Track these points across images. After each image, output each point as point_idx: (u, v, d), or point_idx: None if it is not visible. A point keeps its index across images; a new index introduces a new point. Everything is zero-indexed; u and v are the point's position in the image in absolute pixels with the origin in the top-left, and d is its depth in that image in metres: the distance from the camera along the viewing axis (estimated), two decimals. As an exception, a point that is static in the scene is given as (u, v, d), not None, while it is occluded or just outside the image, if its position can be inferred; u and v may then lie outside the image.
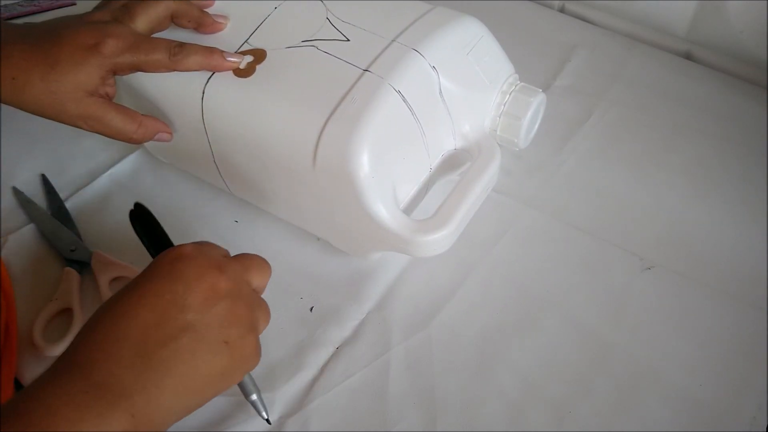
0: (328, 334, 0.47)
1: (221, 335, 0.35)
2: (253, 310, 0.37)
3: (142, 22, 0.44)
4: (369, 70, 0.43)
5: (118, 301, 0.34)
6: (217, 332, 0.34)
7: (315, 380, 0.45)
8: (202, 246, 0.37)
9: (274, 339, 0.47)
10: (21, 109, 0.43)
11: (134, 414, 0.31)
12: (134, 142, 0.46)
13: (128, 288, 0.35)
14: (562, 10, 0.73)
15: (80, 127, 0.44)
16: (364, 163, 0.41)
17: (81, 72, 0.41)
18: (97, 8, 0.46)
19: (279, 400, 0.44)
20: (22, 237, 0.52)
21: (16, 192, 0.55)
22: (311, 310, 0.49)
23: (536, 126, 0.51)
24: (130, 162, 0.57)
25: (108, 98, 0.44)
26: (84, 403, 0.30)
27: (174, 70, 0.43)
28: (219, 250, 0.38)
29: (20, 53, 0.41)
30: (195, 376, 0.34)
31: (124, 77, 0.46)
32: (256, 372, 0.45)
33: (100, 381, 0.31)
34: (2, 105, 0.50)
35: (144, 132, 0.45)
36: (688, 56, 0.68)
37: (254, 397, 0.41)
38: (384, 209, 0.42)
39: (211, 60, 0.44)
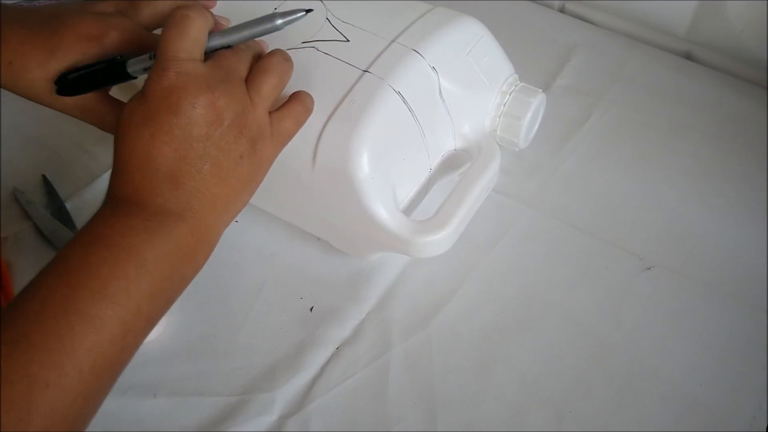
0: (328, 334, 0.47)
1: (236, 151, 0.36)
2: (255, 106, 0.37)
3: (146, 17, 0.44)
4: (369, 70, 0.43)
5: (135, 140, 0.35)
6: (232, 149, 0.36)
7: (315, 380, 0.45)
8: (181, 65, 0.36)
9: (274, 339, 0.47)
10: (15, 93, 0.42)
11: (193, 233, 0.36)
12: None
13: (138, 124, 0.35)
14: (562, 10, 0.73)
15: (74, 116, 0.44)
16: (363, 164, 0.41)
17: (80, 62, 0.41)
18: None
19: (279, 400, 0.44)
20: (22, 237, 0.52)
21: (17, 192, 0.55)
22: (311, 310, 0.49)
23: (536, 126, 0.51)
24: (130, 162, 0.57)
25: (104, 91, 0.44)
26: (150, 229, 0.34)
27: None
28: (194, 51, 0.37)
29: (18, 37, 0.41)
30: (228, 191, 0.37)
31: None
32: (257, 372, 0.45)
33: (155, 212, 0.35)
34: (3, 106, 0.50)
35: None
36: (688, 56, 0.68)
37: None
38: (384, 210, 0.42)
39: None
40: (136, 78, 0.41)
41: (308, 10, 0.40)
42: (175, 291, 0.36)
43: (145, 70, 0.40)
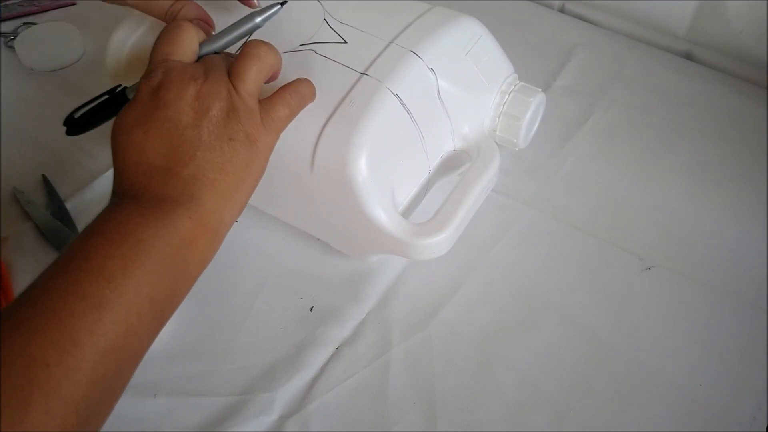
0: (328, 334, 0.47)
1: (225, 134, 0.37)
2: (239, 91, 0.38)
3: None
4: (366, 73, 0.43)
5: (130, 141, 0.36)
6: (221, 133, 0.37)
7: (315, 380, 0.45)
8: (167, 64, 0.38)
9: (274, 339, 0.47)
10: None
11: (191, 217, 0.35)
12: (167, 20, 0.44)
13: (131, 125, 0.37)
14: (562, 10, 0.73)
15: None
16: (362, 167, 0.41)
17: None
18: None
19: (279, 400, 0.44)
20: (22, 237, 0.52)
21: (17, 192, 0.55)
22: (311, 310, 0.49)
23: (536, 126, 0.51)
24: (130, 162, 0.57)
25: None
26: (146, 214, 0.34)
27: (166, 21, 0.43)
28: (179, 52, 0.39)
29: None
30: (226, 177, 0.37)
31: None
32: (257, 372, 0.45)
33: (152, 199, 0.35)
34: (3, 106, 0.50)
35: (185, 11, 0.44)
36: (688, 56, 0.68)
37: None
38: (382, 213, 0.42)
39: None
40: None
41: (283, 2, 0.41)
42: (180, 277, 0.35)
43: None
